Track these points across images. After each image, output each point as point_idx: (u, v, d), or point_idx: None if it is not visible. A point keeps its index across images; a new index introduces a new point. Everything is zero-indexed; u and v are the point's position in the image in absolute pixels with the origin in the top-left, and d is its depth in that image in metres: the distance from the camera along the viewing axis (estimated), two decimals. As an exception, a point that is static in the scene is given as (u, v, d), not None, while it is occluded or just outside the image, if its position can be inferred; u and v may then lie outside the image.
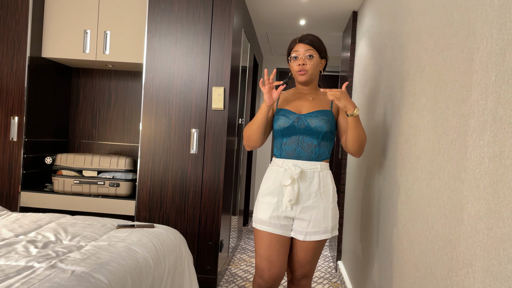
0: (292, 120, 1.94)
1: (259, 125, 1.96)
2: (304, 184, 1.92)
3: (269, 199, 1.97)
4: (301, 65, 1.95)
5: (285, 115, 1.97)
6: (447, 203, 1.28)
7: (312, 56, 1.96)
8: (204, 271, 2.93)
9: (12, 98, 3.01)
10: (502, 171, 0.96)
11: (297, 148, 1.94)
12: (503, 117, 0.97)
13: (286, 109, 1.98)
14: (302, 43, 1.97)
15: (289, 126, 1.94)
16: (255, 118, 1.98)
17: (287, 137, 1.96)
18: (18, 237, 1.89)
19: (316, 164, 1.94)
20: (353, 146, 1.92)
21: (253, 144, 2.03)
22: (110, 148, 3.60)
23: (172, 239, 2.16)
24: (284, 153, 1.97)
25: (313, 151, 1.94)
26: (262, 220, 1.97)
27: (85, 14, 3.08)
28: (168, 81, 2.95)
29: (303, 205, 1.92)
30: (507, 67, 0.96)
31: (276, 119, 2.00)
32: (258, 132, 1.97)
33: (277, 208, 1.94)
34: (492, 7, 1.06)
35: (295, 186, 1.89)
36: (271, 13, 3.87)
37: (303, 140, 1.94)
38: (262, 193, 2.01)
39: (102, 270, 1.52)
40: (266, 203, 1.97)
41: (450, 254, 1.23)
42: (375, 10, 2.72)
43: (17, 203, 3.04)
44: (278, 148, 2.01)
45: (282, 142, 1.98)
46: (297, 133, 1.94)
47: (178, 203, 2.94)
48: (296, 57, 1.97)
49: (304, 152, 1.94)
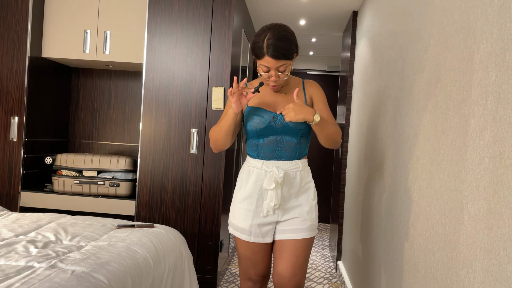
0: (268, 119, 1.79)
1: (226, 131, 1.80)
2: (286, 186, 1.80)
3: (248, 204, 1.82)
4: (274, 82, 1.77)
5: (259, 115, 1.81)
6: (447, 203, 1.28)
7: (284, 70, 1.74)
8: (204, 271, 2.93)
9: (12, 98, 3.01)
10: (502, 171, 0.96)
11: (276, 149, 1.81)
12: (503, 117, 0.97)
13: (260, 108, 1.82)
14: (272, 58, 1.69)
15: (266, 127, 1.79)
16: (221, 123, 1.81)
17: (264, 137, 1.81)
18: (18, 237, 1.89)
19: (297, 163, 1.83)
20: (326, 145, 1.84)
21: (221, 148, 1.89)
22: (110, 148, 3.60)
23: (172, 239, 2.16)
24: (262, 154, 1.82)
25: (293, 150, 1.82)
26: (242, 228, 1.84)
27: (85, 14, 3.08)
28: (168, 81, 2.95)
29: (285, 207, 1.82)
30: (507, 67, 0.96)
31: (249, 119, 1.83)
32: (225, 138, 1.82)
33: (257, 215, 1.81)
34: (492, 7, 1.06)
35: (278, 190, 1.76)
36: (271, 13, 3.87)
37: (282, 140, 1.81)
38: (239, 198, 1.85)
39: (102, 270, 1.52)
40: (244, 210, 1.83)
41: (450, 254, 1.23)
42: (375, 10, 2.71)
43: (17, 203, 3.04)
44: (253, 149, 1.86)
45: (258, 143, 1.83)
46: (274, 133, 1.80)
47: (178, 203, 2.94)
48: (267, 71, 1.75)
49: (285, 152, 1.81)
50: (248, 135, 1.87)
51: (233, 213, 1.88)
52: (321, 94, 1.90)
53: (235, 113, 1.76)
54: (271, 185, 1.75)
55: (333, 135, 1.80)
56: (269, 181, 1.75)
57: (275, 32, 1.70)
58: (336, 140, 1.82)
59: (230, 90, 1.71)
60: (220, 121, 1.83)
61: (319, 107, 1.86)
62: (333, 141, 1.81)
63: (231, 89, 1.72)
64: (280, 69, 1.72)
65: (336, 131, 1.81)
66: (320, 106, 1.87)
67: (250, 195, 1.82)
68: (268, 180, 1.76)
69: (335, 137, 1.81)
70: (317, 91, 1.90)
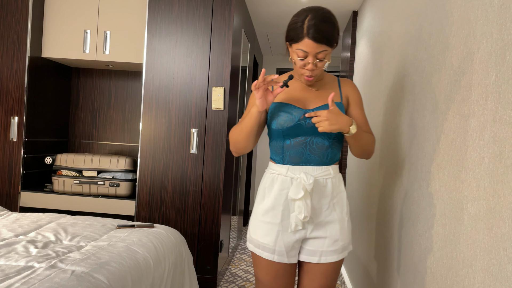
0: (298, 117, 1.55)
1: (248, 132, 1.56)
2: (316, 195, 1.55)
3: (272, 217, 1.57)
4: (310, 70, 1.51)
5: (287, 112, 1.56)
6: (447, 203, 1.28)
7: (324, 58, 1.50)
8: (204, 271, 2.93)
9: (12, 98, 3.01)
10: (502, 171, 0.96)
11: (305, 152, 1.56)
12: (503, 117, 0.97)
13: (288, 104, 1.58)
14: (313, 41, 1.46)
15: (294, 126, 1.55)
16: (243, 123, 1.57)
17: (291, 138, 1.57)
18: (18, 237, 1.89)
19: (328, 169, 1.58)
20: (358, 155, 1.63)
21: (242, 151, 1.65)
22: (110, 148, 3.60)
23: (172, 239, 2.16)
24: (288, 158, 1.58)
25: (324, 154, 1.57)
26: (264, 245, 1.58)
27: (85, 14, 3.08)
28: (168, 81, 2.95)
29: (316, 221, 1.56)
30: (507, 67, 0.96)
31: (275, 116, 1.59)
32: (247, 140, 1.58)
33: (283, 229, 1.56)
34: (492, 7, 1.06)
35: (307, 200, 1.50)
36: (271, 13, 3.87)
37: (312, 142, 1.56)
38: (262, 210, 1.60)
39: (102, 270, 1.52)
40: (268, 223, 1.57)
41: (450, 254, 1.23)
42: (375, 10, 2.71)
43: (17, 203, 3.04)
44: (278, 152, 1.61)
45: (284, 145, 1.58)
46: (303, 133, 1.55)
47: (178, 203, 2.94)
48: (303, 58, 1.50)
49: (314, 156, 1.56)
50: (272, 136, 1.64)
51: (254, 228, 1.63)
52: (358, 96, 1.66)
53: (259, 112, 1.51)
54: (299, 194, 1.50)
55: (367, 146, 1.59)
56: (296, 189, 1.51)
57: (318, 13, 1.48)
58: (370, 151, 1.62)
59: (255, 84, 1.46)
60: (241, 121, 1.59)
61: (355, 113, 1.64)
62: (367, 152, 1.61)
63: (256, 83, 1.46)
64: (319, 56, 1.49)
65: (371, 141, 1.60)
66: (356, 111, 1.64)
67: (274, 206, 1.57)
68: (295, 188, 1.51)
69: (369, 148, 1.60)
70: (354, 92, 1.66)
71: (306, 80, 1.57)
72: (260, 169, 5.85)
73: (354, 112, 1.64)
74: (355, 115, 1.63)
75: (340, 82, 1.67)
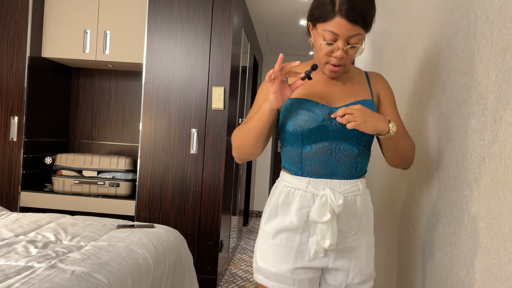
0: (322, 117, 1.24)
1: (258, 133, 1.24)
2: (344, 216, 1.27)
3: (288, 240, 1.27)
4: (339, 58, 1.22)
5: (309, 110, 1.25)
6: (447, 203, 1.28)
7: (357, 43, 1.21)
8: (204, 271, 2.93)
9: (12, 98, 3.01)
10: (502, 171, 0.96)
11: (330, 162, 1.25)
12: (503, 117, 0.97)
13: (309, 100, 1.27)
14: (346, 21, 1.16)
15: (318, 127, 1.24)
16: (251, 123, 1.25)
17: (312, 143, 1.26)
18: (18, 237, 1.89)
19: (357, 184, 1.29)
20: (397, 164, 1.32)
21: (247, 157, 1.33)
22: (110, 148, 3.60)
23: (172, 239, 2.16)
24: (309, 169, 1.27)
25: (353, 164, 1.27)
26: (279, 276, 1.27)
27: (85, 14, 3.08)
28: (168, 81, 2.95)
29: (341, 247, 1.28)
30: (507, 67, 0.96)
31: (291, 116, 1.27)
32: (255, 143, 1.27)
33: (300, 256, 1.26)
34: (492, 7, 1.06)
35: (334, 223, 1.22)
36: (271, 13, 3.87)
37: (339, 149, 1.26)
38: (275, 230, 1.29)
39: (102, 270, 1.52)
40: (283, 247, 1.27)
41: (450, 254, 1.23)
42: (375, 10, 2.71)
43: (17, 203, 3.04)
44: (295, 160, 1.29)
45: (303, 152, 1.27)
46: (328, 137, 1.25)
47: (178, 203, 2.94)
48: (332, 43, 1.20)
49: (341, 167, 1.26)
50: (285, 140, 1.32)
51: (262, 253, 1.31)
52: (390, 93, 1.38)
53: (272, 109, 1.21)
54: (324, 217, 1.21)
55: (407, 152, 1.28)
56: (321, 210, 1.21)
57: None
58: (410, 158, 1.31)
59: (271, 73, 1.16)
60: (248, 121, 1.28)
61: (389, 113, 1.34)
62: (407, 159, 1.30)
63: (272, 72, 1.15)
64: (352, 41, 1.20)
65: (410, 146, 1.30)
66: (389, 110, 1.35)
67: (292, 226, 1.27)
68: (320, 208, 1.21)
69: (409, 154, 1.29)
70: (387, 89, 1.37)
71: (331, 71, 1.26)
72: (260, 169, 5.85)
73: (387, 113, 1.35)
74: (389, 116, 1.34)
75: (369, 76, 1.38)
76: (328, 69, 1.27)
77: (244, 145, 1.28)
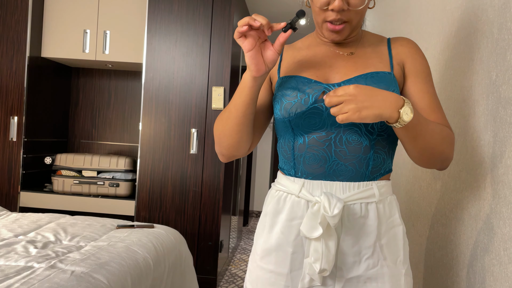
0: (315, 97, 0.95)
1: (239, 116, 0.96)
2: (350, 232, 0.96)
3: (276, 264, 1.00)
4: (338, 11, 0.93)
5: (297, 88, 0.97)
6: (447, 203, 1.28)
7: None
8: (204, 271, 2.92)
9: (12, 98, 3.01)
10: (503, 171, 0.95)
11: (329, 157, 0.96)
12: (504, 117, 0.96)
13: (299, 76, 0.99)
14: None
15: (308, 111, 0.95)
16: (231, 103, 0.98)
17: (305, 134, 0.97)
18: (18, 237, 1.89)
19: (370, 188, 0.96)
20: (422, 162, 0.96)
21: (231, 152, 1.03)
22: (110, 148, 3.60)
23: (172, 239, 2.16)
24: (302, 168, 0.99)
25: (362, 161, 0.96)
26: None
27: (85, 13, 3.08)
28: (168, 81, 2.95)
29: (348, 275, 0.96)
30: (508, 67, 0.96)
31: (278, 97, 1.00)
32: (239, 131, 0.98)
33: (293, 284, 0.98)
34: (492, 7, 1.06)
35: (330, 241, 0.93)
36: (271, 13, 3.87)
37: (341, 140, 0.95)
38: (262, 250, 1.02)
39: (102, 271, 1.52)
40: (271, 273, 1.00)
41: (450, 255, 1.23)
42: (375, 10, 2.71)
43: (16, 203, 3.03)
44: (287, 157, 1.02)
45: (294, 146, 1.00)
46: (325, 124, 0.95)
47: (178, 203, 2.94)
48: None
49: (345, 165, 0.96)
50: (278, 131, 1.05)
51: (251, 274, 1.06)
52: (421, 62, 1.01)
53: (253, 77, 0.92)
54: (315, 231, 0.91)
55: (436, 146, 0.92)
56: (312, 221, 0.92)
57: None
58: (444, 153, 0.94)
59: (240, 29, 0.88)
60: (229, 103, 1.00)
61: (414, 88, 0.99)
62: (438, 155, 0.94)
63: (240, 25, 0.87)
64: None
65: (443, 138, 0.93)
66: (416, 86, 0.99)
67: (280, 245, 0.99)
68: (310, 219, 0.93)
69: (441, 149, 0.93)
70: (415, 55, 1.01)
71: (330, 32, 0.97)
72: (260, 169, 5.84)
73: (414, 89, 0.98)
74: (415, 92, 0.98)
75: (391, 42, 1.03)
76: (326, 29, 0.96)
77: (224, 133, 1.00)
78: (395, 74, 0.98)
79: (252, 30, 0.89)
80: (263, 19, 0.87)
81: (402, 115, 0.83)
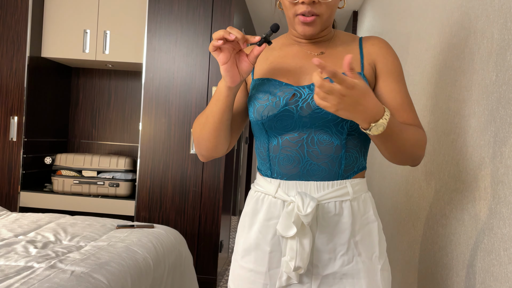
0: (285, 99, 0.99)
1: (216, 122, 1.00)
2: (324, 230, 0.99)
3: (256, 263, 1.03)
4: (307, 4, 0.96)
5: (268, 91, 1.01)
6: (447, 203, 1.28)
7: None
8: (204, 271, 2.92)
9: (12, 98, 3.01)
10: (503, 171, 0.95)
11: (302, 158, 0.99)
12: (504, 117, 0.96)
13: (271, 79, 1.02)
14: None
15: (280, 114, 0.99)
16: (208, 108, 1.02)
17: (278, 135, 1.01)
18: (18, 237, 1.89)
19: (344, 186, 1.00)
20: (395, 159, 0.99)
21: (209, 154, 1.07)
22: (110, 148, 3.60)
23: (172, 239, 2.16)
24: (277, 169, 1.02)
25: (334, 160, 0.99)
26: None
27: (85, 13, 3.08)
28: (168, 81, 2.95)
29: (324, 273, 1.00)
30: (508, 67, 0.96)
31: (251, 100, 1.04)
32: (216, 136, 1.02)
33: (271, 282, 1.02)
34: (492, 7, 1.06)
35: (305, 239, 0.96)
36: (271, 13, 3.87)
37: (312, 141, 0.99)
38: (241, 249, 1.06)
39: (102, 271, 1.52)
40: (250, 272, 1.04)
41: (450, 255, 1.23)
42: (375, 10, 2.71)
43: (16, 203, 3.03)
44: (263, 157, 1.06)
45: (269, 147, 1.03)
46: (296, 126, 0.99)
47: (178, 203, 2.94)
48: None
49: (318, 165, 0.99)
50: (254, 133, 1.10)
51: (233, 273, 1.09)
52: (392, 61, 1.02)
53: (228, 87, 0.96)
54: (290, 230, 0.95)
55: (409, 147, 0.95)
56: (286, 221, 0.96)
57: None
58: (415, 154, 0.98)
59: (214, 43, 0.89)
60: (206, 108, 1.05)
61: (387, 89, 1.00)
62: (409, 155, 0.97)
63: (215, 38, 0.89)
64: None
65: (416, 140, 0.96)
66: (389, 86, 1.01)
67: (258, 244, 1.03)
68: (285, 219, 0.96)
69: (413, 150, 0.96)
70: (386, 55, 1.02)
71: (303, 25, 0.98)
72: (260, 169, 5.83)
73: (385, 89, 1.00)
74: (387, 92, 1.00)
75: (363, 42, 1.05)
76: (298, 22, 0.98)
77: (202, 137, 1.04)
78: (365, 74, 1.01)
79: (227, 43, 0.91)
80: (238, 33, 0.88)
81: (371, 128, 0.86)
